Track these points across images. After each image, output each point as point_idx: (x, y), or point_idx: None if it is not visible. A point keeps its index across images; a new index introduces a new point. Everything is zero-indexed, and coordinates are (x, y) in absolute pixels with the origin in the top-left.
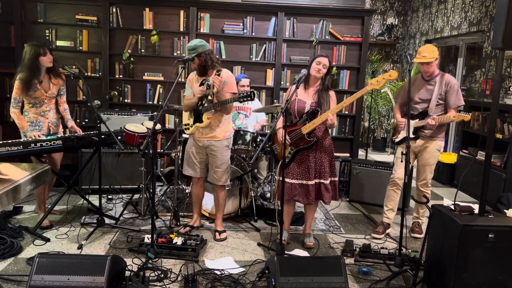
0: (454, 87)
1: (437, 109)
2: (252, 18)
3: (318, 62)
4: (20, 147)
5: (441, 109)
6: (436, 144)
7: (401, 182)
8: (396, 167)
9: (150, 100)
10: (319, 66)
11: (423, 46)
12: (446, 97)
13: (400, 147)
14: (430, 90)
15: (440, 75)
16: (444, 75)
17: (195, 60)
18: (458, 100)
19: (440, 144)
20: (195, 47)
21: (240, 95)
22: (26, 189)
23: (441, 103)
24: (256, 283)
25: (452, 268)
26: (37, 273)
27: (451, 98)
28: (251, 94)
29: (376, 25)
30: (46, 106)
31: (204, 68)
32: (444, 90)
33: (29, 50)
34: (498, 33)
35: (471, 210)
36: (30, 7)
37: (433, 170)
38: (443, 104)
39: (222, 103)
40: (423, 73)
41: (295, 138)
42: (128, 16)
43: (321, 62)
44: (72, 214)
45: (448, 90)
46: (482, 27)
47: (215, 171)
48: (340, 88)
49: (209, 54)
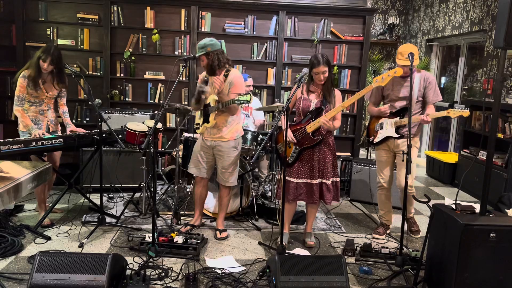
0: (432, 82)
1: (416, 105)
2: (253, 17)
3: (317, 72)
4: (21, 146)
5: (419, 105)
6: (415, 142)
7: (389, 185)
8: (380, 170)
9: (151, 99)
10: (319, 77)
11: (403, 46)
12: (425, 93)
13: (380, 149)
14: (406, 87)
15: (416, 71)
16: (420, 71)
17: (204, 59)
18: (437, 96)
19: (417, 141)
20: (204, 46)
21: (237, 98)
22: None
23: (419, 99)
24: (257, 282)
25: (453, 267)
26: (38, 271)
27: (429, 94)
28: (248, 97)
29: (377, 24)
30: (46, 105)
31: (211, 68)
32: (423, 86)
33: (38, 52)
34: (500, 32)
35: (473, 209)
36: (31, 6)
37: (414, 168)
38: (421, 100)
39: (223, 104)
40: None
41: (300, 137)
42: (129, 15)
43: (319, 71)
44: (73, 213)
45: (427, 86)
46: (484, 27)
47: (222, 172)
48: (341, 87)
49: (218, 54)
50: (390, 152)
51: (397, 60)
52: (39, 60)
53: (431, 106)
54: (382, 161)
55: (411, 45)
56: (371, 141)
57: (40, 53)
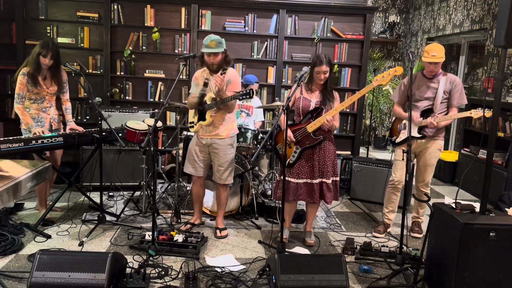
0: (459, 86)
1: (441, 106)
2: (253, 15)
3: (318, 71)
4: (21, 144)
5: (444, 106)
6: (437, 144)
7: (401, 185)
8: (396, 169)
9: (151, 98)
10: (320, 76)
11: (431, 45)
12: (450, 95)
13: (399, 148)
14: (432, 88)
15: (442, 73)
16: (446, 74)
17: (219, 56)
18: (462, 99)
19: (440, 144)
20: (222, 42)
21: (239, 93)
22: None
23: (444, 101)
24: (257, 281)
25: (453, 266)
26: (38, 269)
27: (455, 97)
28: (250, 92)
29: (378, 22)
30: (47, 102)
31: (219, 66)
32: (449, 88)
33: (35, 49)
34: (501, 30)
35: (473, 208)
36: (31, 4)
37: (433, 170)
38: (446, 102)
39: (223, 101)
40: (428, 72)
41: (300, 137)
42: (129, 13)
43: (321, 71)
44: (73, 211)
45: (452, 89)
46: (485, 25)
47: (217, 169)
48: (341, 86)
49: (227, 52)
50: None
51: (423, 58)
52: (39, 56)
53: (455, 109)
54: (400, 160)
55: (438, 45)
56: (394, 141)
57: (39, 49)
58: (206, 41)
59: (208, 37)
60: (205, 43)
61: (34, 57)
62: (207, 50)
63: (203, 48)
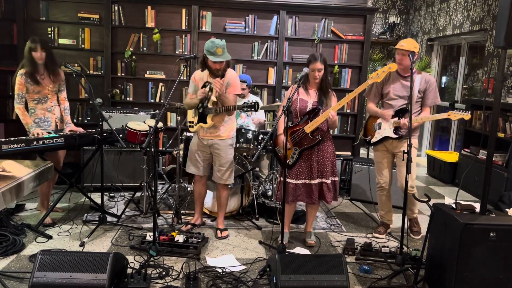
0: (433, 85)
1: (415, 105)
2: (254, 16)
3: (313, 68)
4: (22, 145)
5: (418, 105)
6: (414, 142)
7: (389, 185)
8: (380, 172)
9: (152, 98)
10: (315, 74)
11: (404, 39)
12: (425, 95)
13: (378, 151)
14: (406, 86)
15: (417, 72)
16: (421, 72)
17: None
18: (436, 98)
19: (416, 142)
20: (225, 47)
21: (244, 105)
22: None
23: (419, 100)
24: (257, 281)
25: (453, 266)
26: (39, 270)
27: (429, 96)
28: (255, 105)
29: (378, 23)
30: (51, 101)
31: (224, 70)
32: (423, 87)
33: (26, 46)
34: (501, 31)
35: (473, 209)
36: (32, 5)
37: (414, 168)
38: (420, 101)
39: (225, 109)
40: (398, 65)
41: (299, 138)
42: (130, 14)
43: (315, 68)
44: (74, 212)
45: (427, 88)
46: (485, 26)
47: (218, 169)
48: (342, 86)
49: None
50: (389, 153)
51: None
52: (31, 53)
53: (427, 109)
54: (380, 162)
55: (411, 40)
56: (368, 141)
57: (28, 46)
58: (212, 48)
59: (213, 43)
60: (211, 50)
61: (26, 56)
62: (215, 59)
63: (209, 55)
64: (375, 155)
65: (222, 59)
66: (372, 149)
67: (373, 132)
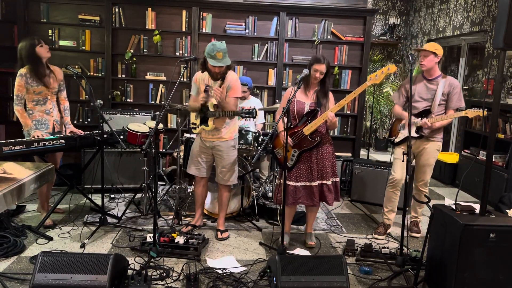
0: (457, 88)
1: (439, 108)
2: (254, 18)
3: (316, 69)
4: (23, 146)
5: (442, 108)
6: (435, 145)
7: (400, 183)
8: (395, 168)
9: (153, 100)
10: (317, 74)
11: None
12: (449, 98)
13: (399, 148)
14: (431, 90)
15: (442, 76)
16: (446, 76)
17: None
18: (460, 102)
19: (439, 145)
20: (226, 51)
21: (243, 111)
22: (30, 188)
23: (443, 103)
24: (258, 282)
25: (453, 267)
26: (40, 271)
27: (453, 99)
28: (253, 112)
29: (378, 25)
30: (50, 103)
31: (223, 73)
32: (447, 90)
33: (24, 45)
34: (500, 33)
35: (473, 210)
36: (33, 7)
37: (432, 170)
38: (444, 104)
39: (226, 113)
40: (422, 68)
41: (298, 140)
42: (130, 16)
43: (318, 69)
44: (75, 213)
45: (451, 91)
46: (484, 27)
47: (221, 171)
48: (342, 88)
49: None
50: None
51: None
52: (34, 50)
53: (451, 111)
54: (399, 159)
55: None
56: (393, 141)
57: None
58: (213, 51)
59: (213, 47)
60: (211, 53)
61: (28, 54)
62: (215, 63)
63: (209, 58)
64: (395, 152)
65: (222, 63)
66: (394, 148)
67: (398, 132)
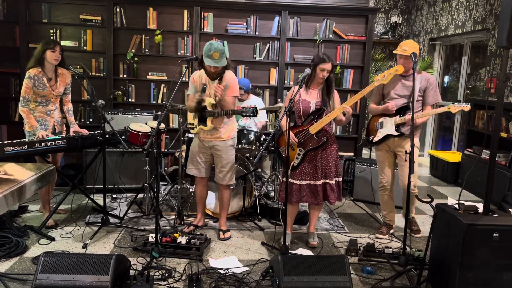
0: (433, 83)
1: (416, 104)
2: (255, 17)
3: (322, 68)
4: (25, 147)
5: (419, 104)
6: (415, 142)
7: (390, 185)
8: (382, 171)
9: (154, 100)
10: (324, 73)
11: (405, 41)
12: (425, 94)
13: (380, 151)
14: (406, 86)
15: (417, 72)
16: (421, 72)
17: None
18: (436, 97)
19: (417, 141)
20: (224, 51)
21: (243, 110)
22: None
23: (419, 99)
24: (260, 282)
25: (456, 267)
26: (42, 272)
27: (429, 95)
28: (254, 111)
29: (380, 23)
30: (52, 105)
31: (219, 74)
32: (424, 86)
33: (40, 45)
34: (503, 31)
35: (476, 209)
36: (34, 7)
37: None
38: (421, 100)
39: (225, 113)
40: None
41: (303, 139)
42: (132, 16)
43: (325, 68)
44: (77, 214)
45: (427, 87)
46: (487, 26)
47: (220, 170)
48: (344, 87)
49: (227, 59)
50: (390, 152)
51: (395, 51)
52: (45, 52)
53: (429, 107)
54: (382, 161)
55: (412, 41)
56: (371, 140)
57: (43, 46)
58: (210, 51)
59: (211, 46)
60: (208, 53)
61: (37, 54)
62: (210, 63)
63: (205, 57)
64: (377, 155)
65: (217, 64)
66: (374, 149)
67: (375, 131)
